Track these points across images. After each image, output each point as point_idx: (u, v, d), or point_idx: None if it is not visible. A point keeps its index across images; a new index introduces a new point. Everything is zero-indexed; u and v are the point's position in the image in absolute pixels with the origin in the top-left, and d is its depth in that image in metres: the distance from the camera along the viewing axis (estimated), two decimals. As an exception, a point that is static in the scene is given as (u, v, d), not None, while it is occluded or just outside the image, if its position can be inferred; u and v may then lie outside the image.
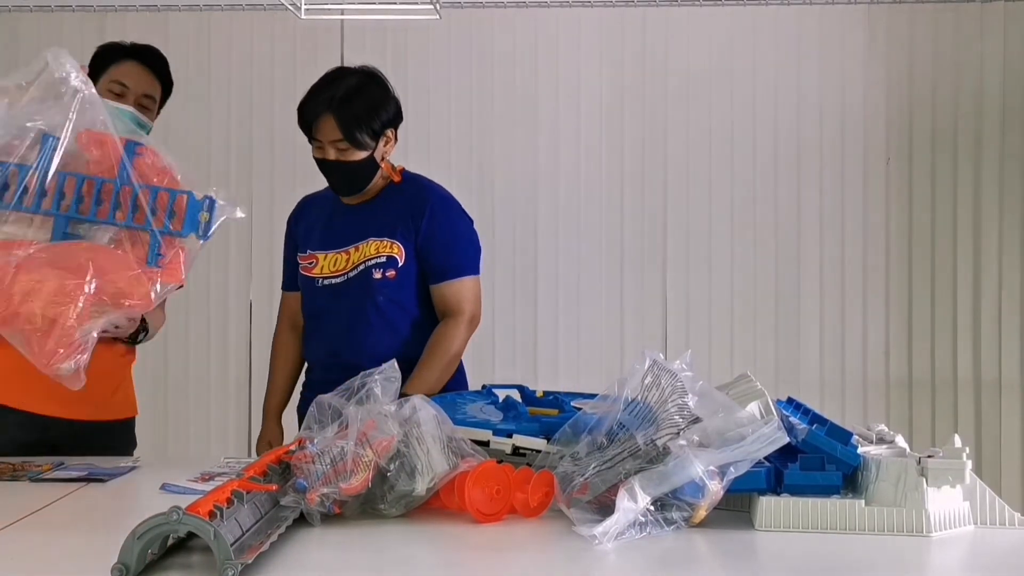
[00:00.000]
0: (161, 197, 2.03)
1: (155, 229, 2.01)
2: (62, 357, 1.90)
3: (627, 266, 4.35)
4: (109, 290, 1.93)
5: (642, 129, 4.34)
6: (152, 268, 2.00)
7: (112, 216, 1.99)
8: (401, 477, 1.69)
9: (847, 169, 4.31)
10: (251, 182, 4.40)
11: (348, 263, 2.64)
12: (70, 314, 1.89)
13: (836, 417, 1.85)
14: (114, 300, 1.95)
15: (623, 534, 1.55)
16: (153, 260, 2.01)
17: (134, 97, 2.51)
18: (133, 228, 2.01)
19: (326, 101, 2.55)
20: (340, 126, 2.54)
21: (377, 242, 2.63)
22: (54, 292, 1.89)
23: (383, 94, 2.62)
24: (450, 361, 2.60)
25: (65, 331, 1.89)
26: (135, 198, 2.00)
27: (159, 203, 2.03)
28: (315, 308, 2.71)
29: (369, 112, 2.56)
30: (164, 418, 4.30)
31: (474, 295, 2.66)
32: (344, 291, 2.64)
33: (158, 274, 2.00)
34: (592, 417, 1.73)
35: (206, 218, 2.09)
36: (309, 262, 2.71)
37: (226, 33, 4.40)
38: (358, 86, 2.58)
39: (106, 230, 2.01)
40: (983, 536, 1.65)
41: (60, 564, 1.52)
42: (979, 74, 4.25)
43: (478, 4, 4.33)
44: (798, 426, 1.74)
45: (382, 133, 2.60)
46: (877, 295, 4.30)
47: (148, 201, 2.02)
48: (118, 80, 2.50)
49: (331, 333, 2.67)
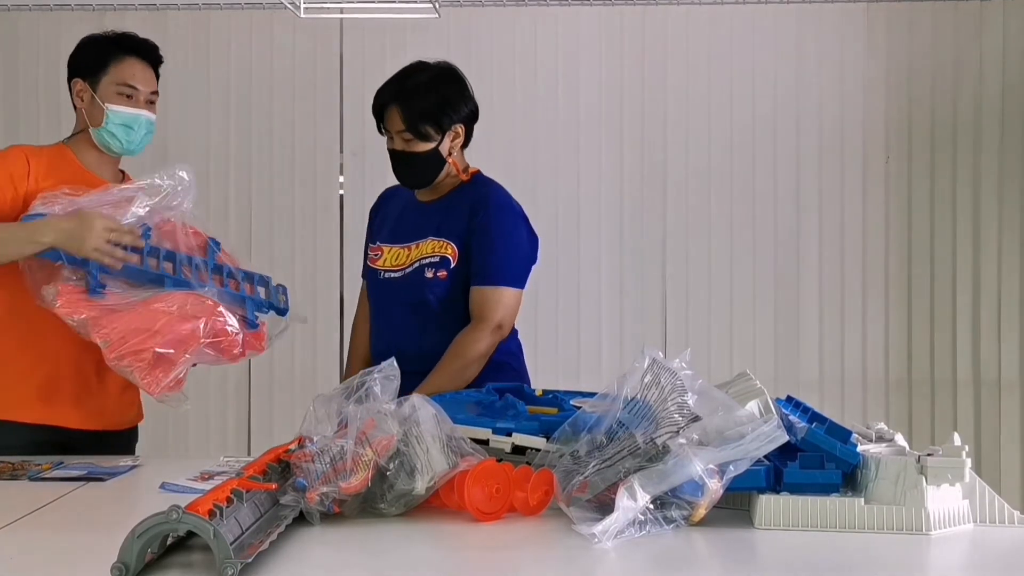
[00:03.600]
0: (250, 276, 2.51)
1: (249, 296, 2.44)
2: (170, 388, 2.26)
3: (627, 265, 4.35)
4: (214, 343, 2.32)
5: (641, 128, 4.34)
6: (251, 330, 2.40)
7: (212, 282, 2.39)
8: (401, 476, 1.69)
9: (846, 168, 4.31)
10: (250, 181, 4.40)
11: (407, 259, 2.64)
12: (184, 356, 2.26)
13: (835, 415, 1.85)
14: (212, 351, 2.33)
15: (623, 532, 1.55)
16: (252, 323, 2.42)
17: (144, 97, 2.50)
18: (230, 292, 2.41)
19: (394, 92, 2.58)
20: (404, 117, 2.56)
21: (435, 241, 2.62)
22: (177, 334, 2.25)
23: (453, 89, 2.62)
24: (464, 366, 2.53)
25: (177, 368, 2.26)
26: (229, 273, 2.44)
27: (248, 280, 2.49)
28: (376, 300, 2.72)
29: (435, 105, 2.57)
30: (164, 418, 4.28)
31: (506, 306, 2.59)
32: (400, 287, 2.64)
33: (252, 336, 2.41)
34: (592, 416, 1.73)
35: (284, 299, 2.54)
36: (376, 254, 2.72)
37: (225, 31, 4.40)
38: (428, 80, 2.60)
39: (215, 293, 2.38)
40: (982, 534, 1.65)
41: (60, 563, 1.52)
42: (978, 72, 4.25)
43: (477, 3, 4.32)
44: (797, 424, 1.74)
45: (449, 128, 2.59)
46: (876, 293, 4.30)
47: (240, 277, 2.46)
48: (127, 83, 2.47)
49: (388, 327, 2.67)
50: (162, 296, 2.28)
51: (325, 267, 4.38)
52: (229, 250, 2.50)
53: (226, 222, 4.29)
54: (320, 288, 4.34)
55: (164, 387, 2.24)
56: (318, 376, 4.32)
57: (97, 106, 2.46)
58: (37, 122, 4.32)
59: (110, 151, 2.50)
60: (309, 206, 4.40)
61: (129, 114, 2.47)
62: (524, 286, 2.65)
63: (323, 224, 4.40)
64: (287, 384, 4.37)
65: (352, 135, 4.34)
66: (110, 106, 2.45)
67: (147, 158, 2.61)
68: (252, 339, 2.40)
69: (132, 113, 2.47)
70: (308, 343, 4.27)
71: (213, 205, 4.28)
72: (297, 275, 4.27)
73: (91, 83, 2.47)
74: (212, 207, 4.26)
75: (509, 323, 2.62)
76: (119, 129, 2.46)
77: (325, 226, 4.40)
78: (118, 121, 2.46)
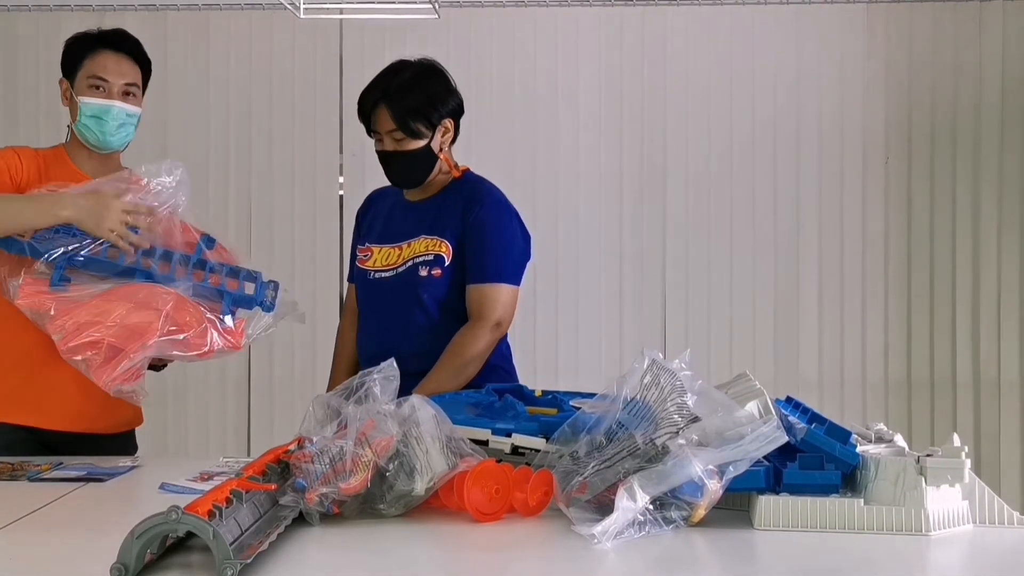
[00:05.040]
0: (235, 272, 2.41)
1: (228, 291, 2.34)
2: (121, 380, 2.18)
3: (626, 265, 4.35)
4: (176, 335, 2.22)
5: (641, 128, 4.35)
6: (224, 327, 2.31)
7: (190, 277, 2.30)
8: (400, 477, 1.68)
9: (846, 168, 4.31)
10: (249, 181, 4.40)
11: (399, 258, 2.63)
12: (138, 348, 2.18)
13: (835, 416, 1.85)
14: (179, 346, 2.24)
15: (622, 533, 1.55)
16: (226, 312, 2.32)
17: (117, 89, 2.46)
18: (208, 288, 2.32)
19: (381, 92, 2.57)
20: (393, 115, 2.55)
21: (428, 239, 2.61)
22: (132, 327, 2.18)
23: (439, 84, 2.62)
24: (464, 364, 2.53)
25: (131, 360, 2.18)
26: (211, 269, 2.34)
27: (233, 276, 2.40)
28: (366, 302, 2.70)
29: (423, 101, 2.56)
30: (163, 418, 4.29)
31: (504, 303, 2.58)
32: (392, 286, 2.63)
33: (227, 332, 2.30)
34: (591, 416, 1.73)
35: (272, 296, 2.42)
36: (365, 255, 2.71)
37: (225, 32, 4.40)
38: (412, 76, 2.59)
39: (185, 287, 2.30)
40: (982, 535, 1.65)
41: (59, 564, 1.52)
42: (978, 73, 4.25)
43: (477, 3, 4.33)
44: (797, 425, 1.73)
45: (438, 123, 2.59)
46: (876, 294, 4.30)
47: (224, 272, 2.37)
48: (95, 75, 2.45)
49: (379, 328, 2.66)
50: (121, 288, 2.23)
51: (325, 267, 4.39)
52: (230, 247, 2.47)
53: (226, 222, 4.29)
54: (320, 288, 4.34)
55: (116, 379, 2.18)
56: (318, 376, 4.30)
57: (74, 102, 2.47)
58: (37, 122, 4.32)
59: (90, 145, 2.48)
60: (309, 206, 4.40)
61: (98, 105, 2.44)
62: (520, 283, 2.65)
63: (323, 224, 4.40)
64: (287, 384, 4.37)
65: (352, 135, 4.34)
66: (81, 98, 2.45)
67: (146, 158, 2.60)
68: (227, 334, 2.32)
69: (102, 104, 2.44)
70: (308, 343, 4.27)
71: (213, 205, 4.28)
72: (297, 275, 4.27)
73: (71, 81, 2.48)
74: (212, 207, 4.26)
75: (507, 321, 2.61)
76: (91, 121, 2.44)
77: (325, 226, 4.40)
78: (89, 113, 2.44)
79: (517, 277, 2.64)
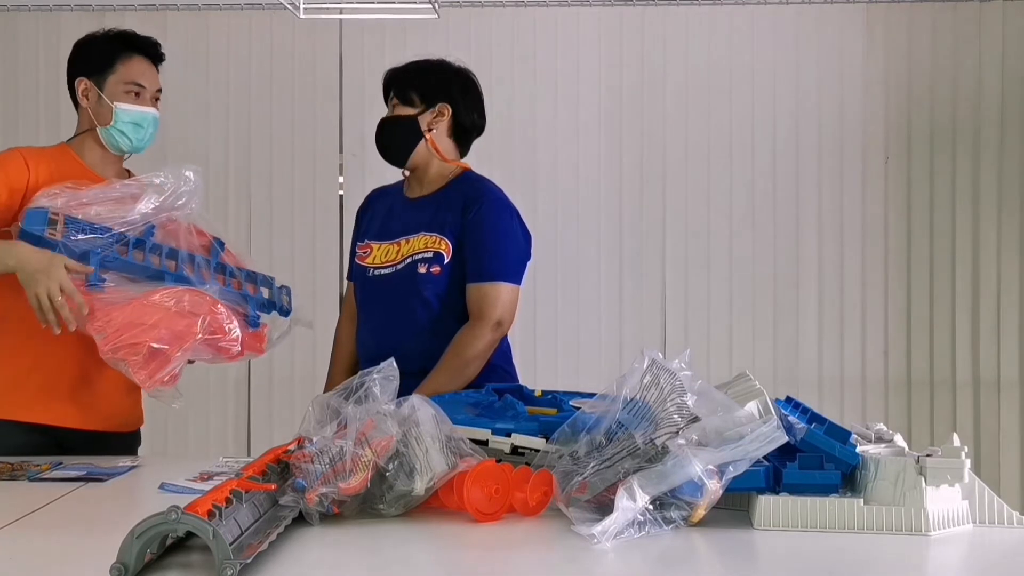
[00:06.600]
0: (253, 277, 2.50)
1: (252, 296, 2.43)
2: (161, 382, 2.23)
3: (626, 265, 4.35)
4: (211, 341, 2.29)
5: (641, 128, 4.35)
6: (252, 330, 2.39)
7: (214, 280, 2.37)
8: (400, 477, 1.68)
9: (846, 168, 4.31)
10: (249, 181, 4.40)
11: (398, 255, 2.63)
12: (179, 350, 2.23)
13: (835, 416, 1.85)
14: (210, 349, 2.30)
15: (622, 533, 1.55)
16: (254, 322, 2.40)
17: (150, 95, 2.51)
18: (232, 292, 2.39)
19: (412, 64, 2.68)
20: (396, 80, 2.65)
21: (427, 236, 2.61)
22: (175, 330, 2.23)
23: (453, 72, 2.68)
24: (465, 364, 2.52)
25: (172, 363, 2.23)
26: (231, 273, 2.42)
27: (251, 280, 2.49)
28: (366, 299, 2.70)
29: (429, 76, 2.64)
30: (163, 417, 4.29)
31: (504, 302, 2.57)
32: (391, 283, 2.62)
33: (252, 336, 2.38)
34: (591, 416, 1.73)
35: (287, 300, 2.54)
36: (364, 251, 2.71)
37: (225, 32, 4.40)
38: (440, 62, 2.69)
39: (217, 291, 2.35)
40: (982, 535, 1.65)
41: (58, 564, 1.52)
42: (977, 73, 4.25)
43: (476, 3, 4.33)
44: (797, 425, 1.73)
45: (434, 102, 2.63)
46: (876, 294, 4.30)
47: (243, 276, 2.45)
48: (135, 81, 2.48)
49: (378, 325, 2.65)
50: (160, 290, 2.26)
51: (324, 267, 4.39)
52: (234, 251, 2.50)
53: (226, 222, 4.29)
54: (320, 288, 4.34)
55: (157, 381, 2.22)
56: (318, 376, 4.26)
57: (105, 105, 2.46)
58: (36, 122, 4.32)
59: (118, 149, 2.50)
60: (309, 206, 4.40)
61: (138, 112, 2.48)
62: (521, 282, 2.65)
63: (323, 224, 4.40)
64: (287, 384, 4.37)
65: (352, 135, 4.34)
66: (119, 105, 2.46)
67: (146, 158, 2.61)
68: (252, 340, 2.38)
69: (141, 111, 2.48)
70: (307, 344, 4.26)
71: (213, 205, 4.27)
72: (297, 275, 4.26)
73: (96, 82, 2.47)
74: (212, 207, 4.25)
75: (508, 319, 2.61)
76: (128, 127, 2.47)
77: (325, 226, 4.40)
78: (127, 119, 2.47)
79: (518, 276, 2.63)
